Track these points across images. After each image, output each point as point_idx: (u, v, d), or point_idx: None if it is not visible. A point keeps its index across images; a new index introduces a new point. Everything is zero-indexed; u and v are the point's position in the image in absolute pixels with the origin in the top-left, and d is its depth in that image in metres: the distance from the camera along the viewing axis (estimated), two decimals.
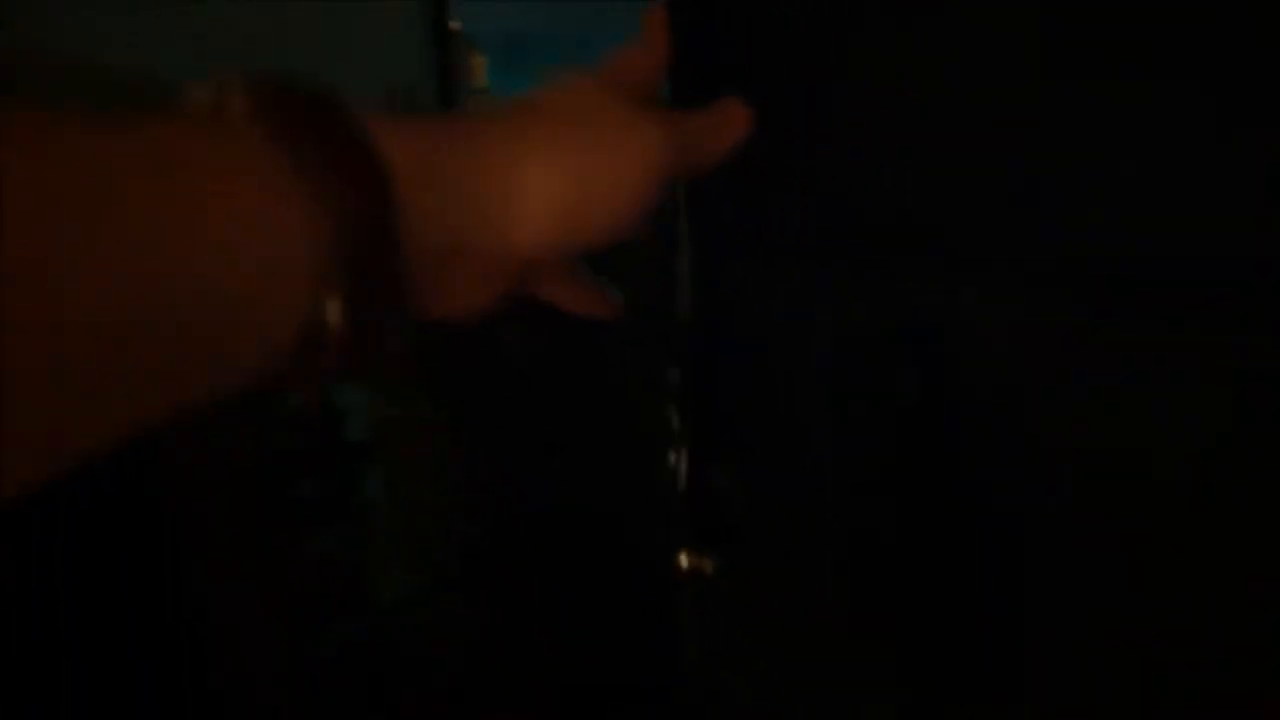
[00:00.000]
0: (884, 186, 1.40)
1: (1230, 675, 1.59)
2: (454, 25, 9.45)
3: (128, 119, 0.42)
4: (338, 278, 0.51)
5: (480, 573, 3.41)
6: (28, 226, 0.33)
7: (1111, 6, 1.25)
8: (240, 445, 3.00)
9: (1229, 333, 1.25)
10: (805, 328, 2.23)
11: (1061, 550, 2.00)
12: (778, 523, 2.54)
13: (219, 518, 3.08)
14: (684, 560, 2.53)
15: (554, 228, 0.62)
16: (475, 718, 3.41)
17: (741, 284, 2.17)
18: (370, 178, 0.52)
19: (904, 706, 2.52)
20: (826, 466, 2.22)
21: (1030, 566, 2.08)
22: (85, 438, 0.40)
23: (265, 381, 0.54)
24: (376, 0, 6.42)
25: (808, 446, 2.31)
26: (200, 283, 0.43)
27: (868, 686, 2.57)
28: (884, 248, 1.48)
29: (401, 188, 0.53)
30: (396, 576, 3.40)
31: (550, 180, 0.61)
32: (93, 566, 2.70)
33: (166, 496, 2.97)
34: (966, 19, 1.39)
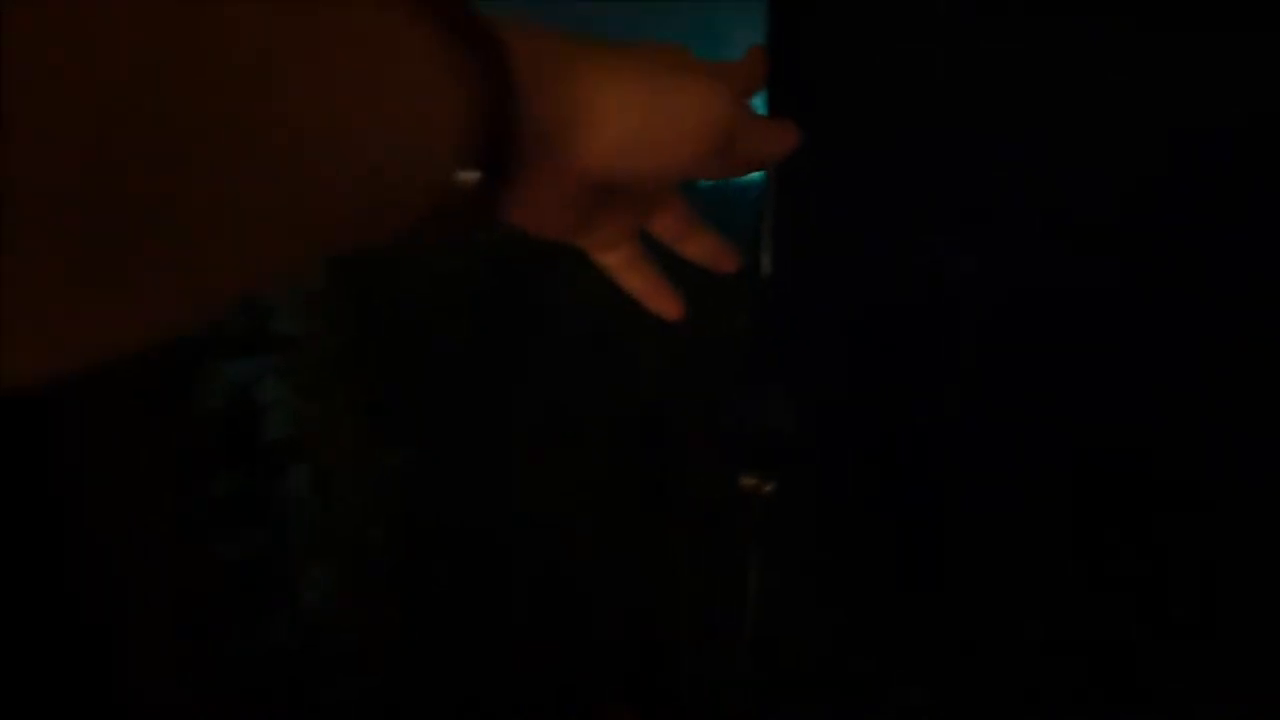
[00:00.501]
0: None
1: None
2: None
3: None
4: (477, 147, 0.56)
5: (405, 574, 3.31)
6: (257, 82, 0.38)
7: None
8: (149, 441, 2.82)
9: None
10: (866, 280, 2.71)
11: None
12: (831, 451, 2.65)
13: (124, 517, 2.90)
14: (745, 482, 2.61)
15: (623, 151, 0.67)
16: None
17: (811, 245, 2.57)
18: (502, 64, 0.56)
19: (940, 633, 2.59)
20: (877, 402, 2.57)
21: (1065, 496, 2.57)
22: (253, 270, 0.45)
23: (399, 238, 0.57)
24: None
25: (861, 382, 2.56)
26: (378, 136, 0.48)
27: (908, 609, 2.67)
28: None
29: (518, 78, 0.58)
30: (321, 578, 3.27)
31: (626, 110, 0.66)
32: None
33: (67, 494, 2.79)
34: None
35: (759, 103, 1.04)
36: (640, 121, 0.67)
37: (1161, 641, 2.54)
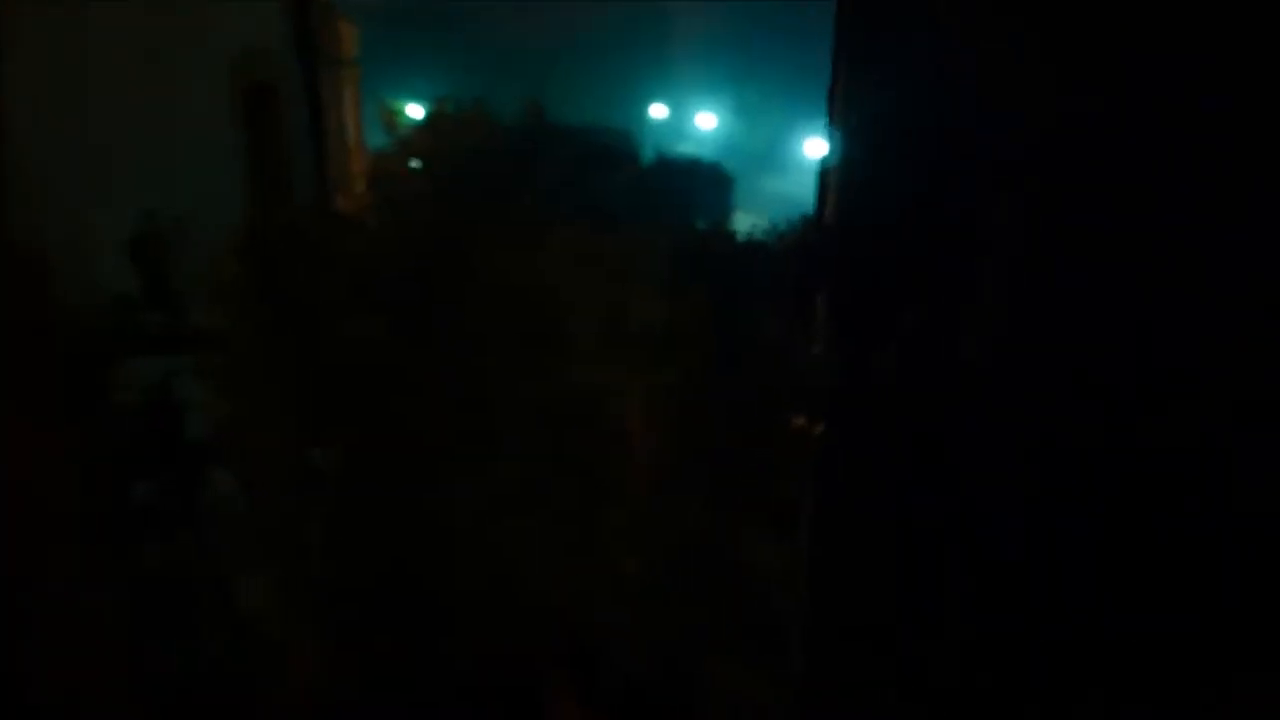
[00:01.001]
0: None
1: None
2: None
3: None
4: None
5: (344, 576, 3.20)
6: None
7: None
8: (55, 440, 2.69)
9: None
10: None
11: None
12: (880, 402, 2.80)
13: (39, 524, 2.77)
14: (800, 422, 2.86)
15: None
16: None
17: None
18: None
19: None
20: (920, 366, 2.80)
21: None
22: None
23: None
24: None
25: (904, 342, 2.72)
26: None
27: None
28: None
29: None
30: (255, 583, 3.14)
31: None
32: None
33: None
34: None
35: None
36: None
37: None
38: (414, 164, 10.09)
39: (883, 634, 2.91)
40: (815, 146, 23.13)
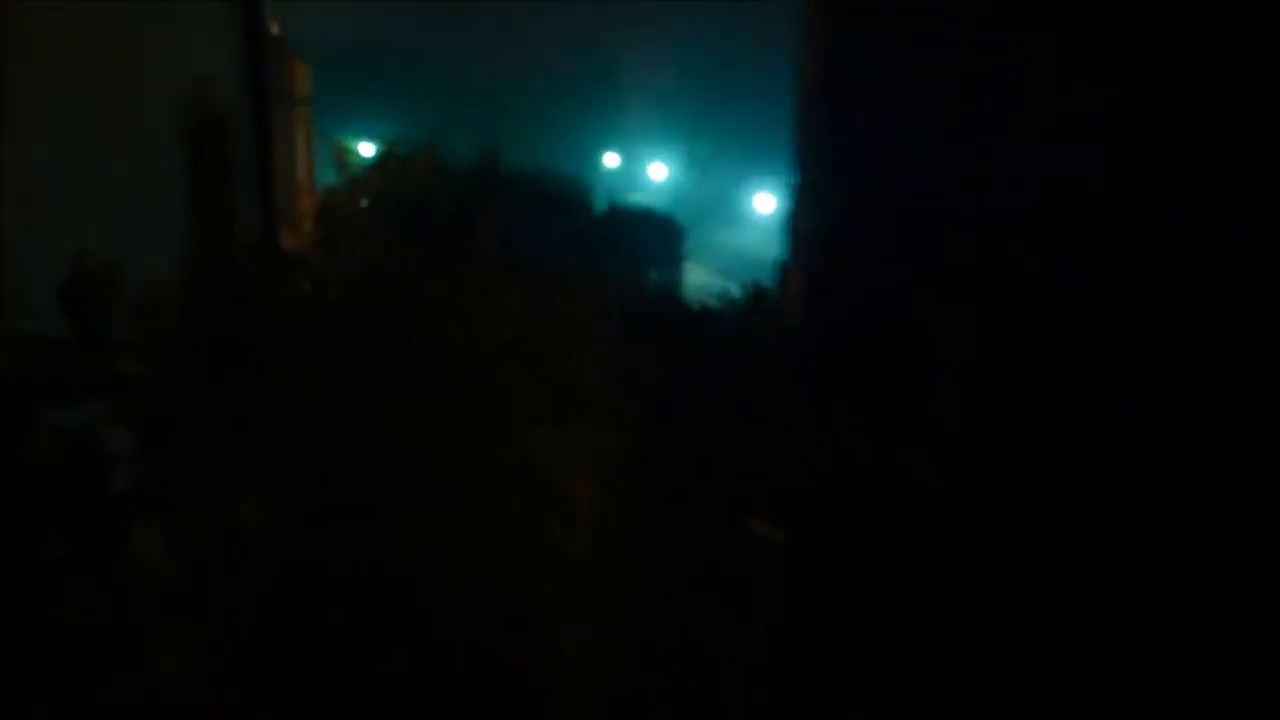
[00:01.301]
0: None
1: None
2: (274, 30, 8.79)
3: None
4: None
5: (271, 634, 3.03)
6: None
7: None
8: None
9: None
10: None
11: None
12: (844, 508, 2.70)
13: None
14: (758, 528, 2.71)
15: None
16: None
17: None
18: None
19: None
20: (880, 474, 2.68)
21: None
22: None
23: None
24: (186, 1, 5.89)
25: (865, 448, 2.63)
26: None
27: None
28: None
29: None
30: (176, 641, 2.94)
31: None
32: None
33: None
34: None
35: None
36: None
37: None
38: (363, 203, 9.99)
39: None
40: (763, 201, 23.61)
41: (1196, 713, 2.77)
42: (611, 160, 26.43)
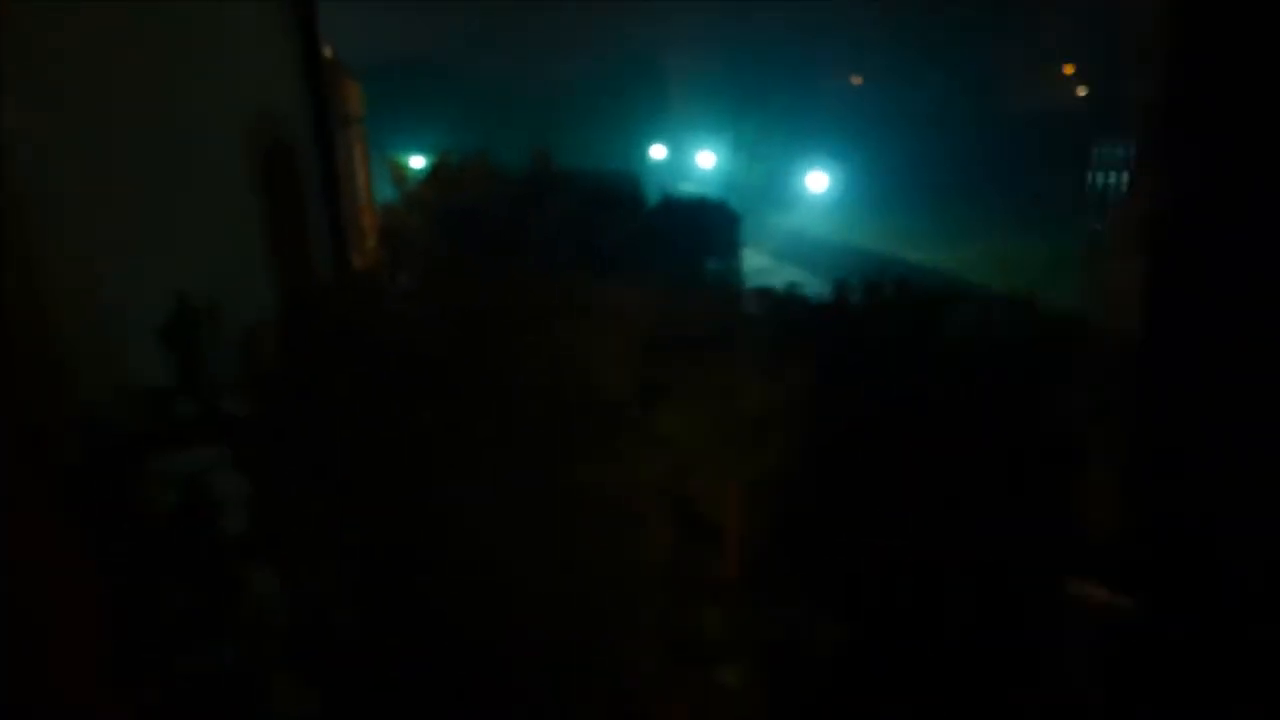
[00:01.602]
0: None
1: None
2: (327, 53, 8.81)
3: None
4: None
5: (394, 674, 2.93)
6: None
7: None
8: (83, 552, 2.44)
9: None
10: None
11: None
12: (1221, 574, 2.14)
13: (61, 642, 2.50)
14: (1100, 594, 2.14)
15: None
16: None
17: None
18: None
19: None
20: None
21: None
22: None
23: None
24: (246, 30, 5.87)
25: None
26: None
27: None
28: None
29: None
30: (299, 693, 2.86)
31: None
32: None
33: None
34: None
35: None
36: None
37: None
38: (418, 218, 9.97)
39: None
40: (816, 180, 23.16)
41: None
42: (659, 152, 26.26)
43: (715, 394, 2.84)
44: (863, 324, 3.59)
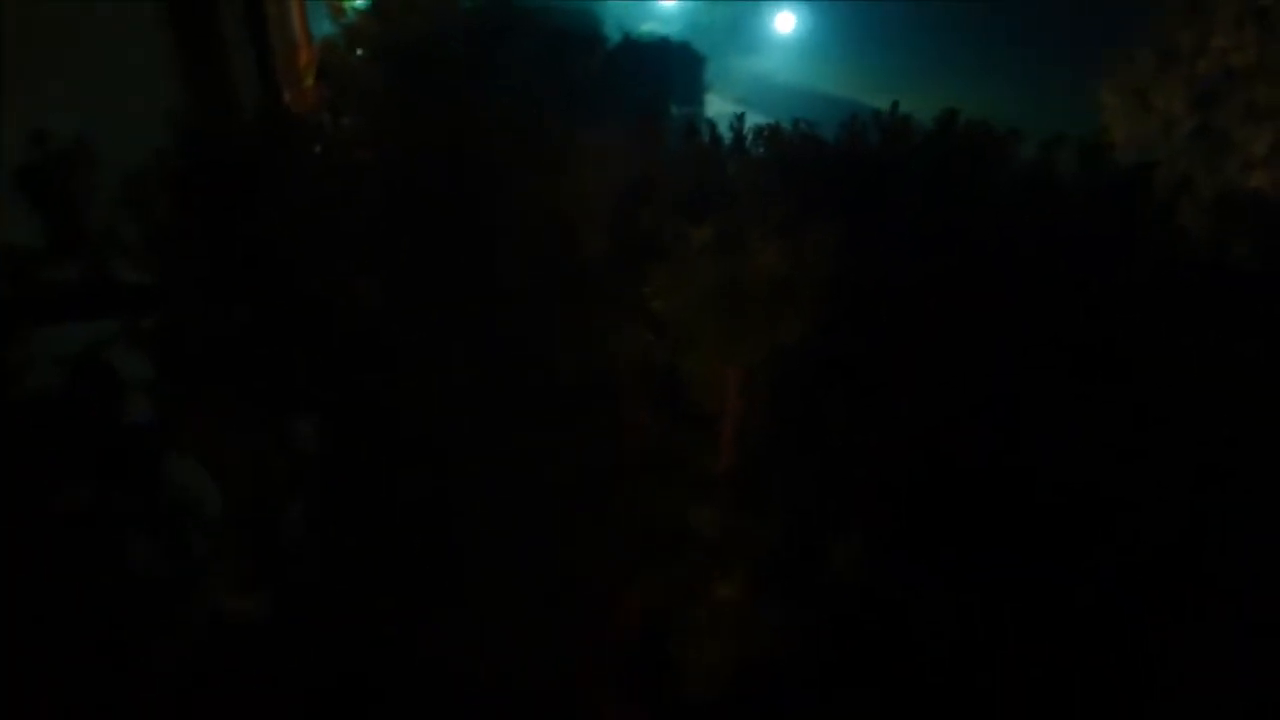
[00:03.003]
0: None
1: None
2: None
3: None
4: None
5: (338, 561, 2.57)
6: None
7: None
8: None
9: None
10: None
11: None
12: None
13: None
14: None
15: None
16: None
17: None
18: None
19: None
20: None
21: None
22: None
23: None
24: None
25: None
26: None
27: None
28: None
29: None
30: (225, 592, 2.49)
31: None
32: None
33: None
34: None
35: None
36: None
37: None
38: (359, 53, 8.98)
39: None
40: (784, 21, 21.72)
41: None
42: None
43: (720, 254, 2.36)
44: (911, 168, 2.93)
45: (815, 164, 2.90)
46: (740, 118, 3.49)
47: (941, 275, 2.42)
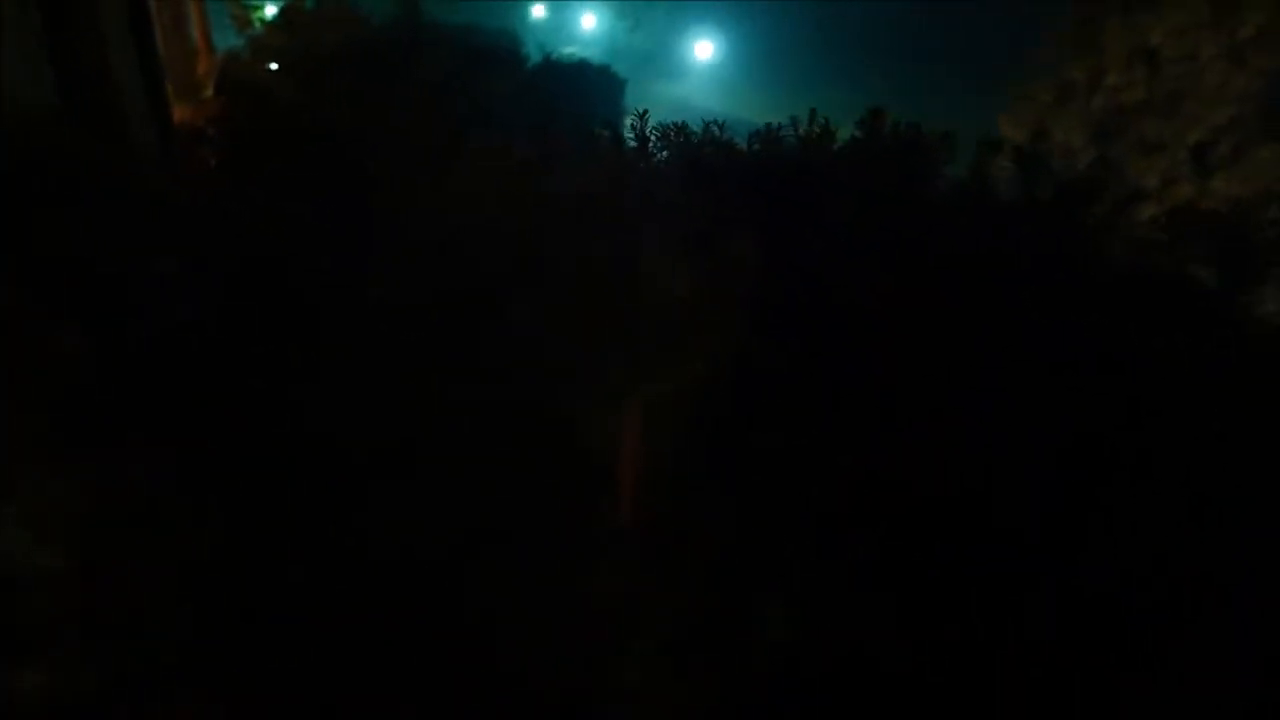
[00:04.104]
0: None
1: None
2: None
3: None
4: None
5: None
6: None
7: None
8: None
9: None
10: None
11: None
12: None
13: None
14: None
15: None
16: None
17: None
18: None
19: None
20: None
21: None
22: None
23: None
24: None
25: None
26: None
27: None
28: None
29: None
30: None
31: None
32: None
33: None
34: None
35: None
36: None
37: None
38: (271, 66, 8.51)
39: None
40: (704, 49, 21.81)
41: None
42: (539, 11, 24.23)
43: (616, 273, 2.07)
44: (835, 175, 2.69)
45: (728, 170, 2.67)
46: (643, 116, 3.23)
47: (877, 287, 2.22)
